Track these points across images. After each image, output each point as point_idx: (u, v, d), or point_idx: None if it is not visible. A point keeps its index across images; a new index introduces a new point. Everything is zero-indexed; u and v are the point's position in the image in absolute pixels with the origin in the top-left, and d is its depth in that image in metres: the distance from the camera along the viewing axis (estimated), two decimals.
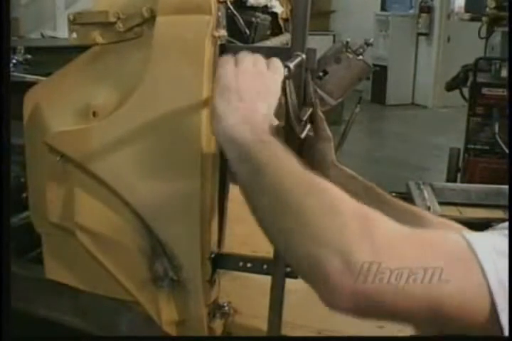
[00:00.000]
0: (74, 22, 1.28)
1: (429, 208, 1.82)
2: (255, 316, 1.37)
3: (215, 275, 1.29)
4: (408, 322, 0.77)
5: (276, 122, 0.98)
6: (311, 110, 1.13)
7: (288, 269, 1.21)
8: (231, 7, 1.22)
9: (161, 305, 1.31)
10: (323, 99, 1.59)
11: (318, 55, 1.28)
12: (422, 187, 2.03)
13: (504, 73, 4.02)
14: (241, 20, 1.25)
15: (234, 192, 1.50)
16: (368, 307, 0.69)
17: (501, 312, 0.69)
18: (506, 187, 1.99)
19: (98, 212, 1.33)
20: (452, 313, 0.70)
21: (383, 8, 9.41)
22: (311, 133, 1.15)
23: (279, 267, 1.20)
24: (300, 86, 1.11)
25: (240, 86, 0.92)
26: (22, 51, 2.54)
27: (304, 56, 1.04)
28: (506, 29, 4.41)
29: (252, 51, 1.00)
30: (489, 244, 0.72)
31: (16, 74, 2.13)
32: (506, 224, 0.77)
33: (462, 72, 4.39)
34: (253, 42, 1.41)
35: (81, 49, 1.31)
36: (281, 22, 1.67)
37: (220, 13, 1.18)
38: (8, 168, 1.39)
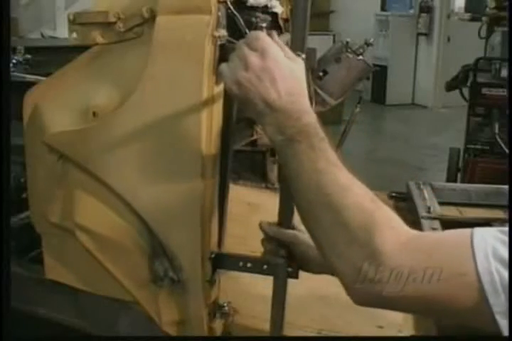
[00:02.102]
0: (74, 22, 1.28)
1: (429, 208, 1.81)
2: (255, 316, 1.37)
3: (215, 275, 1.29)
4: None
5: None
6: None
7: (289, 269, 1.21)
8: (231, 7, 1.21)
9: (160, 305, 1.31)
10: (323, 99, 1.59)
11: (318, 55, 1.28)
12: (422, 187, 2.03)
13: (504, 73, 4.02)
14: (241, 20, 1.25)
15: (234, 192, 1.50)
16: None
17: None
18: (506, 187, 1.98)
19: (98, 212, 1.33)
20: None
21: (383, 8, 9.42)
22: None
23: (281, 267, 1.20)
24: None
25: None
26: (22, 51, 2.53)
27: (303, 56, 1.04)
28: (506, 29, 4.41)
29: None
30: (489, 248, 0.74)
31: (16, 74, 2.13)
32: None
33: (462, 72, 4.39)
34: None
35: (81, 49, 1.31)
36: (281, 22, 1.67)
37: (220, 13, 1.18)
38: (8, 168, 1.39)
